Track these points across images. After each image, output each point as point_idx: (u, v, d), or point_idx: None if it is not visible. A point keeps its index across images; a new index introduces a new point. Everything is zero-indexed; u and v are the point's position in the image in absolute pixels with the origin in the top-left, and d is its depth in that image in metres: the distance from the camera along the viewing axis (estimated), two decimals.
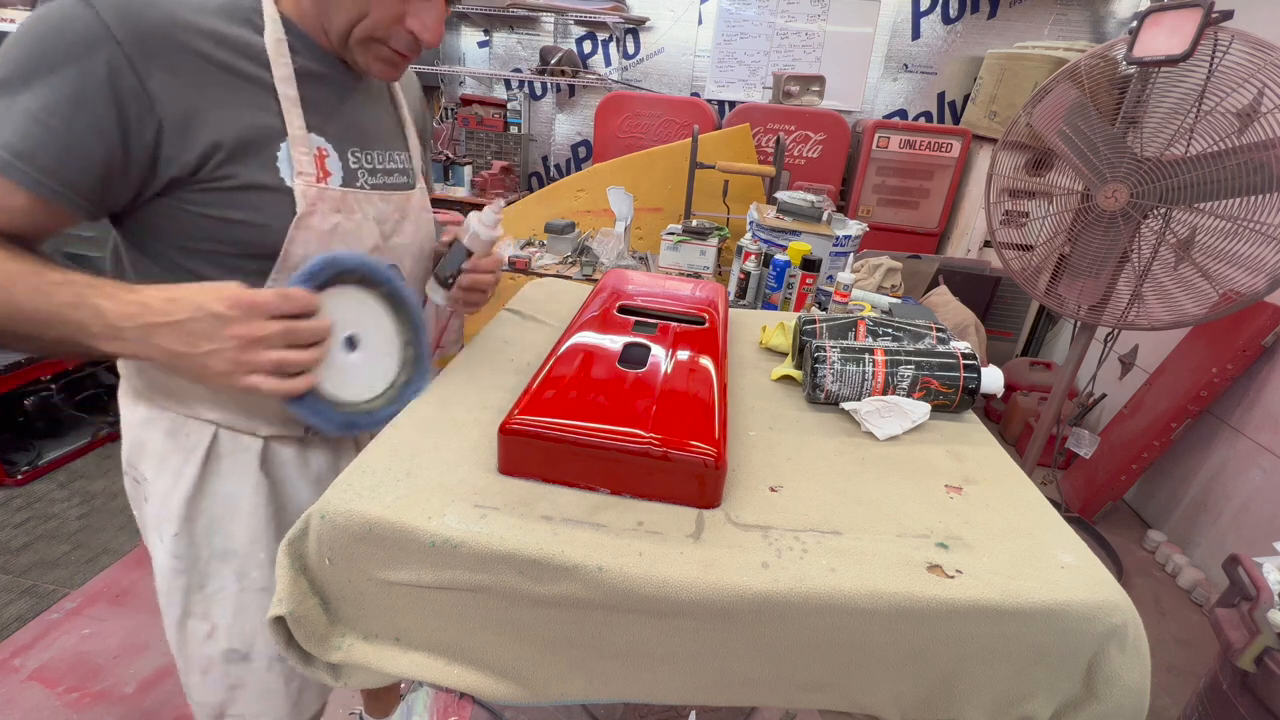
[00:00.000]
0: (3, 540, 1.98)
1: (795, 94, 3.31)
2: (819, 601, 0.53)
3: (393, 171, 0.81)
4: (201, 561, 0.80)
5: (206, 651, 0.83)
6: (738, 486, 0.65)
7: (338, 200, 0.72)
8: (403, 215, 0.82)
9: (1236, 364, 2.19)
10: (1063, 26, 3.28)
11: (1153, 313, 1.65)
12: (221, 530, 0.80)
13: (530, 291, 1.15)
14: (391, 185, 0.81)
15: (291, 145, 0.68)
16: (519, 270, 2.33)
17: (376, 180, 0.78)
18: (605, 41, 3.63)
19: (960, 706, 0.58)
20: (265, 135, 0.66)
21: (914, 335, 0.90)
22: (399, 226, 0.81)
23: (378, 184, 0.78)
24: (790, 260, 1.75)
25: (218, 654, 0.83)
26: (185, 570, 0.80)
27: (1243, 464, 2.19)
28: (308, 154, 0.69)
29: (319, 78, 0.72)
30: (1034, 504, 0.67)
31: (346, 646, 0.60)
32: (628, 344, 0.77)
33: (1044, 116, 1.73)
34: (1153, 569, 2.32)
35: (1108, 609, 0.54)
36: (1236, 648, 1.18)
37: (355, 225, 0.74)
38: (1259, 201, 1.42)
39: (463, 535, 0.55)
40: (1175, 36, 1.47)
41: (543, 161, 4.01)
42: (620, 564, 0.54)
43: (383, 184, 0.79)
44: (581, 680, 0.60)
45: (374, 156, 0.78)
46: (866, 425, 0.78)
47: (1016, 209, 1.91)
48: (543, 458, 0.62)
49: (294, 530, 0.58)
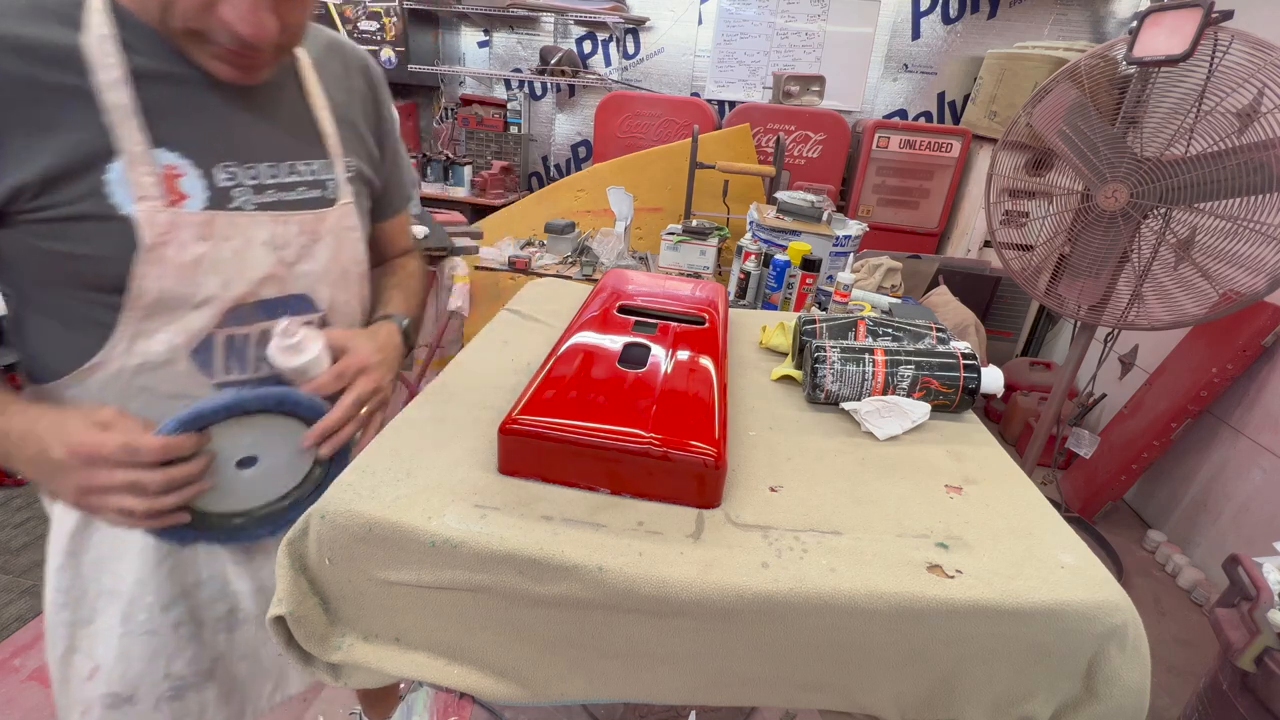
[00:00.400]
0: (3, 540, 1.98)
1: (795, 94, 3.31)
2: (819, 601, 0.53)
3: (296, 186, 0.69)
4: (89, 597, 0.75)
5: (86, 694, 0.76)
6: (738, 486, 0.65)
7: (201, 227, 0.62)
8: (313, 237, 0.71)
9: (1236, 364, 2.19)
10: (1063, 26, 3.28)
11: (1153, 313, 1.65)
12: (109, 569, 0.74)
13: (530, 291, 1.15)
14: (294, 203, 0.69)
15: (128, 165, 0.57)
16: (519, 270, 2.33)
17: (267, 199, 0.67)
18: (605, 41, 3.63)
19: (960, 706, 0.58)
20: (86, 157, 0.57)
21: (914, 335, 0.90)
22: (308, 251, 0.70)
23: (269, 203, 0.67)
24: (790, 260, 1.75)
25: (97, 697, 0.76)
26: (71, 604, 0.75)
27: (1243, 464, 2.19)
28: (151, 174, 0.59)
29: (169, 79, 0.60)
30: (1034, 504, 0.67)
31: (346, 646, 0.60)
32: (628, 344, 0.77)
33: (1044, 116, 1.73)
34: (1153, 569, 2.32)
35: (1108, 609, 0.54)
36: (1236, 648, 1.18)
37: (233, 254, 0.64)
38: (1259, 201, 1.42)
39: (463, 535, 0.55)
40: (1175, 36, 1.47)
41: (543, 161, 4.01)
42: (620, 564, 0.54)
43: (279, 202, 0.68)
44: (581, 680, 0.60)
45: (263, 170, 0.67)
46: (866, 425, 0.78)
47: (1016, 209, 1.91)
48: (543, 458, 0.62)
49: (294, 530, 0.58)
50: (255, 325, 0.69)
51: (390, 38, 3.39)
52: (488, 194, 3.53)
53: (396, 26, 3.36)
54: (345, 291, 0.77)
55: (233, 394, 0.65)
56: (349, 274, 0.77)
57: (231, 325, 0.67)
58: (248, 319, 0.68)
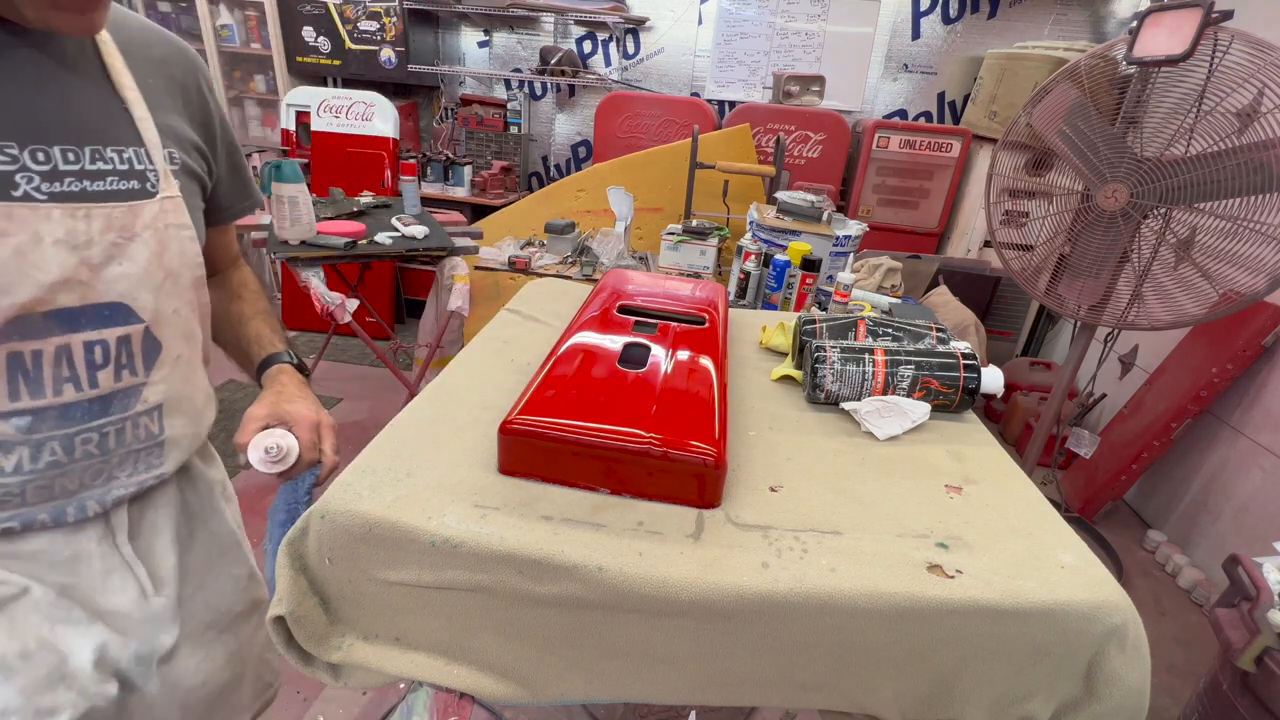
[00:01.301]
0: None
1: (795, 94, 3.31)
2: (819, 601, 0.53)
3: (104, 175, 0.59)
4: None
5: None
6: (738, 486, 0.65)
7: None
8: (127, 235, 0.60)
9: (1236, 364, 2.19)
10: (1063, 26, 3.28)
11: (1153, 313, 1.65)
12: None
13: (530, 291, 1.15)
14: (101, 194, 0.59)
15: None
16: (519, 270, 2.33)
17: (65, 187, 0.57)
18: (605, 41, 3.63)
19: (960, 706, 0.58)
20: None
21: (914, 335, 0.90)
22: (121, 250, 0.60)
23: (66, 192, 0.57)
24: (790, 260, 1.75)
25: None
26: None
27: (1243, 464, 2.19)
28: None
29: None
30: (1034, 504, 0.67)
31: (346, 646, 0.60)
32: (628, 344, 0.77)
33: (1044, 116, 1.73)
34: (1153, 569, 2.32)
35: (1108, 609, 0.54)
36: (1236, 648, 1.18)
37: (13, 252, 0.53)
38: (1259, 201, 1.42)
39: (463, 535, 0.55)
40: (1175, 36, 1.47)
41: (543, 161, 4.01)
42: (620, 564, 0.54)
43: (82, 192, 0.58)
44: (581, 680, 0.60)
45: (59, 155, 0.57)
46: (866, 425, 0.78)
47: (1016, 209, 1.91)
48: (543, 457, 0.62)
49: (294, 530, 0.58)
50: (50, 340, 0.57)
51: (390, 38, 3.39)
52: (488, 194, 3.53)
53: (396, 26, 3.36)
54: (175, 298, 0.66)
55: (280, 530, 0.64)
56: (179, 278, 0.66)
57: (16, 340, 0.55)
58: (39, 332, 0.57)
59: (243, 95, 3.64)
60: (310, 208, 1.96)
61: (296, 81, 3.49)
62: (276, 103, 3.51)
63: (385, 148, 3.31)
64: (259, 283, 0.91)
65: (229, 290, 0.86)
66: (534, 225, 2.84)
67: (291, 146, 3.40)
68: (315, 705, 1.53)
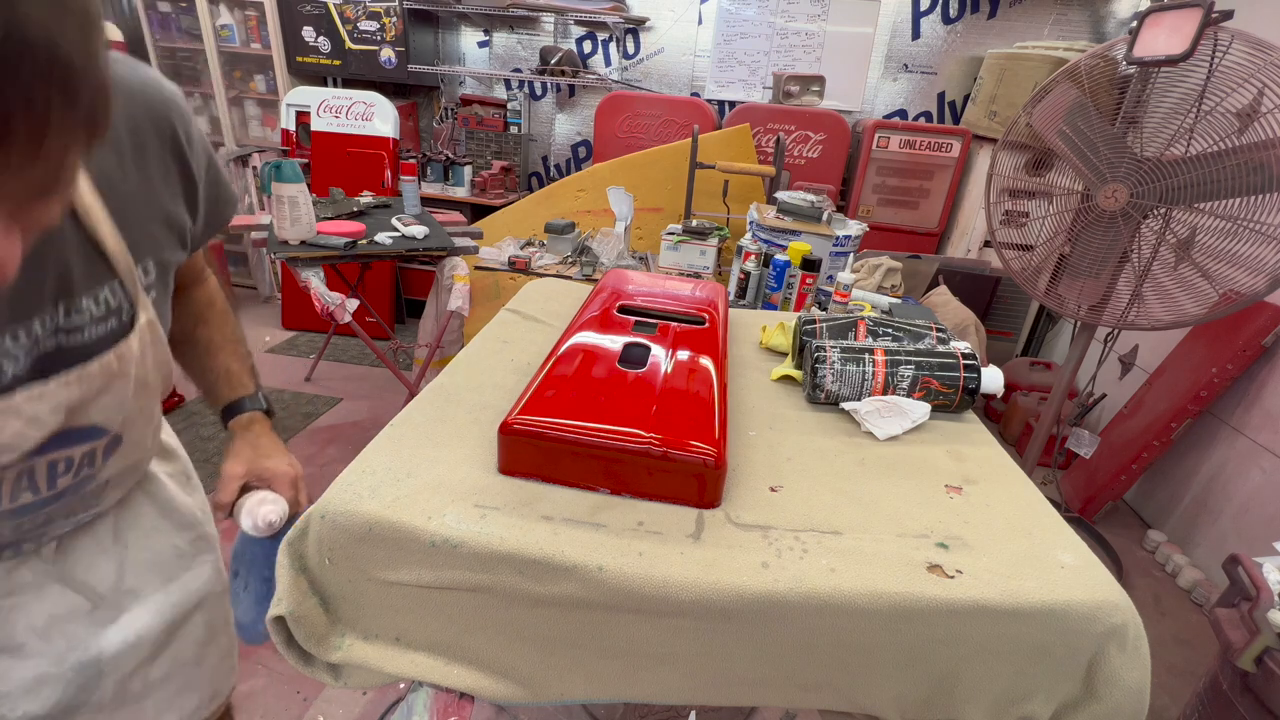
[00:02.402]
0: None
1: (795, 94, 3.31)
2: (819, 601, 0.53)
3: (81, 329, 0.54)
4: None
5: None
6: (738, 486, 0.65)
7: None
8: (116, 376, 0.57)
9: (1236, 364, 2.19)
10: (1063, 26, 3.28)
11: (1153, 313, 1.65)
12: None
13: (530, 291, 1.15)
14: (83, 348, 0.54)
15: None
16: (519, 270, 2.33)
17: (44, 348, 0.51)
18: (605, 41, 3.63)
19: (960, 706, 0.58)
20: None
21: (914, 335, 0.90)
22: (106, 387, 0.56)
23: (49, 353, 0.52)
24: (790, 260, 1.75)
25: None
26: None
27: (1243, 464, 2.19)
28: None
29: None
30: (1034, 504, 0.67)
31: (346, 646, 0.60)
32: (628, 344, 0.77)
33: (1044, 116, 1.73)
34: (1153, 569, 2.32)
35: (1108, 609, 0.54)
36: (1236, 648, 1.18)
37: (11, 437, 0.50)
38: (1259, 201, 1.42)
39: (463, 535, 0.55)
40: (1175, 36, 1.47)
41: (543, 161, 4.01)
42: (620, 564, 0.54)
43: (59, 349, 0.52)
44: (581, 680, 0.60)
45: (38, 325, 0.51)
46: (866, 425, 0.78)
47: (1016, 209, 1.92)
48: (543, 457, 0.62)
49: (294, 530, 0.58)
50: (44, 457, 0.55)
51: (390, 38, 3.39)
52: (488, 194, 3.53)
53: (396, 26, 3.36)
54: (145, 398, 0.62)
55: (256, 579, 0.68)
56: (151, 386, 0.63)
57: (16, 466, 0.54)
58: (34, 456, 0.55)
59: (243, 95, 3.64)
60: (310, 208, 1.96)
61: (296, 81, 3.49)
62: (276, 103, 3.51)
63: (385, 148, 3.31)
64: (224, 299, 0.85)
65: (193, 312, 0.81)
66: (534, 225, 2.84)
67: (291, 146, 3.40)
68: (315, 705, 1.53)
